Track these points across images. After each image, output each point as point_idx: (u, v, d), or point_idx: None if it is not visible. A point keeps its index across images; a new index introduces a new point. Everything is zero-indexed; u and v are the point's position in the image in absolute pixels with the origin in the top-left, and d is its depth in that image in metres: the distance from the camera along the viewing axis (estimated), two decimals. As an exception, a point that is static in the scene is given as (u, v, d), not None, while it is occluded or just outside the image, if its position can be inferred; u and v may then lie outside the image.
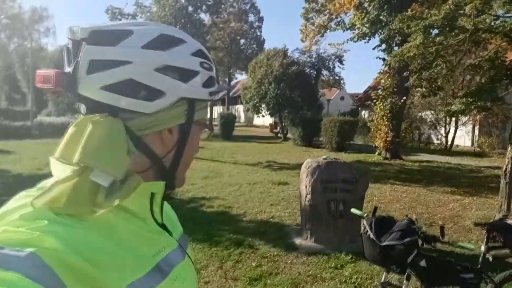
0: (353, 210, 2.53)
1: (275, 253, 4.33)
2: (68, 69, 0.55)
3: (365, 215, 2.39)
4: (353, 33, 12.14)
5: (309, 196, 4.50)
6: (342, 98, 46.32)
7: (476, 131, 19.78)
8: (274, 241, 4.72)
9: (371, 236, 2.16)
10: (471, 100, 5.52)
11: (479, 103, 5.41)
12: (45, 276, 0.43)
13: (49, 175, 0.58)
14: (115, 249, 0.53)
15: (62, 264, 0.45)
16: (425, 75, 6.15)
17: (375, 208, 2.35)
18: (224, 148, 16.02)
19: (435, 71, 5.97)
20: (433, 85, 6.97)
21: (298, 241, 4.63)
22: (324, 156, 4.75)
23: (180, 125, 0.63)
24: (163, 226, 0.66)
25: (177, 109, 0.61)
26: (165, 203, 0.73)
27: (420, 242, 2.17)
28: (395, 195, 7.74)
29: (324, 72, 30.88)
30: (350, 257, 4.22)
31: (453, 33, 5.34)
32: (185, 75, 0.61)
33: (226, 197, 7.02)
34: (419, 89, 7.71)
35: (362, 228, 2.24)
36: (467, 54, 6.25)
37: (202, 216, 5.74)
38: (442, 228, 2.28)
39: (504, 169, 5.52)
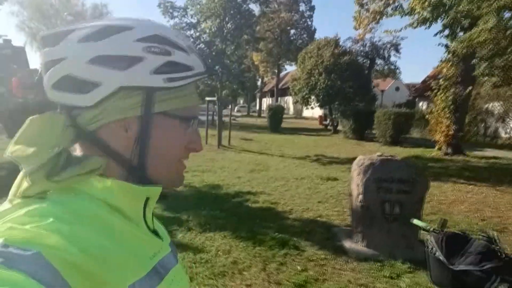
0: (415, 221, 2.15)
1: (322, 256, 4.02)
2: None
3: (431, 228, 2.01)
4: (412, 18, 11.20)
5: (361, 196, 4.12)
6: (397, 89, 44.10)
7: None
8: (322, 242, 4.40)
9: (441, 257, 1.78)
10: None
11: None
12: (49, 277, 0.43)
13: None
14: (118, 247, 0.53)
15: (67, 263, 0.45)
16: (498, 62, 5.39)
17: (444, 221, 1.96)
18: (271, 141, 15.81)
19: (511, 57, 5.21)
20: (508, 74, 6.14)
21: (347, 244, 4.28)
22: (378, 153, 4.33)
23: (140, 117, 0.59)
24: (155, 232, 0.67)
25: (127, 101, 0.58)
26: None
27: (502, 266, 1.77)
28: (458, 196, 7.02)
29: (379, 61, 29.46)
30: (407, 266, 3.79)
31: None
32: (123, 62, 0.57)
33: (271, 192, 6.78)
34: (489, 78, 6.84)
35: (429, 246, 1.87)
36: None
37: (246, 212, 5.56)
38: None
39: None
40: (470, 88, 11.23)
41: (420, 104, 27.55)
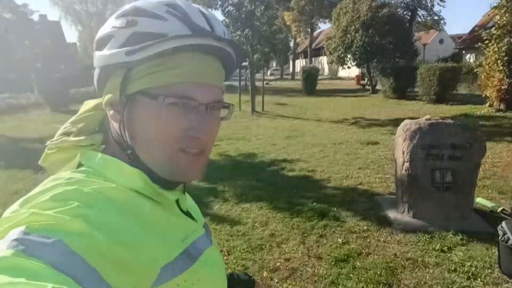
0: (480, 200, 1.84)
1: (365, 227, 3.79)
2: None
3: (500, 209, 1.71)
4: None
5: (407, 164, 3.78)
6: (441, 42, 41.13)
7: None
8: (364, 213, 4.16)
9: (515, 246, 1.50)
10: None
11: None
12: (73, 265, 0.41)
13: None
14: (146, 232, 0.52)
15: (93, 250, 0.43)
16: None
17: (518, 200, 1.66)
18: (307, 104, 15.34)
19: None
20: None
21: (392, 214, 4.01)
22: (427, 116, 3.91)
23: (120, 99, 0.59)
24: (188, 213, 0.67)
25: (113, 81, 0.60)
26: (187, 194, 0.72)
27: None
28: (514, 157, 6.42)
29: (421, 12, 27.29)
30: (460, 237, 3.48)
31: None
32: (100, 42, 0.59)
33: (308, 159, 6.54)
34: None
35: (501, 233, 1.58)
36: None
37: (283, 182, 5.38)
38: None
39: None
40: (528, 36, 10.06)
41: (467, 56, 25.49)
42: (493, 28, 10.53)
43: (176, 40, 0.54)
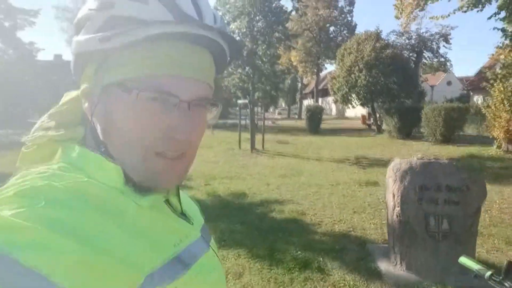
0: (463, 259, 1.44)
1: (352, 282, 3.32)
2: None
3: (489, 274, 1.31)
4: (462, 0, 10.00)
5: (397, 209, 3.37)
6: (449, 83, 41.19)
7: None
8: (352, 264, 3.69)
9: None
10: None
11: None
12: (24, 283, 0.35)
13: None
14: (128, 235, 0.47)
15: (55, 262, 0.37)
16: None
17: (510, 264, 1.26)
18: (309, 143, 15.03)
19: None
20: None
21: (383, 266, 3.54)
22: (418, 155, 3.54)
23: (92, 90, 0.54)
24: (183, 215, 0.61)
25: (87, 71, 0.54)
26: (185, 193, 0.68)
27: None
28: (524, 202, 5.91)
29: (427, 54, 27.48)
30: (460, 297, 2.99)
31: None
32: (77, 26, 0.54)
33: (301, 201, 6.11)
34: None
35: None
36: None
37: (268, 225, 4.95)
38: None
39: None
40: (534, 75, 9.78)
41: (475, 98, 25.26)
42: (498, 68, 10.30)
43: (156, 26, 0.48)
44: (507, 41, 9.93)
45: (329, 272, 3.52)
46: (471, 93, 26.84)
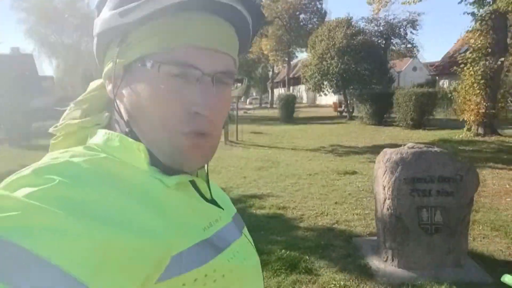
0: (509, 278, 1.18)
1: (342, 283, 3.09)
2: None
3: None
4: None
5: (388, 201, 3.16)
6: (414, 69, 42.24)
7: None
8: (341, 261, 3.47)
9: None
10: None
11: None
12: (34, 274, 0.32)
13: None
14: (154, 213, 0.44)
15: (68, 250, 0.34)
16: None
17: None
18: (283, 132, 14.83)
19: None
20: None
21: (374, 263, 3.33)
22: (409, 144, 3.33)
23: (115, 70, 0.52)
24: (212, 201, 0.58)
25: (110, 52, 0.53)
26: (215, 184, 0.65)
27: None
28: (500, 184, 5.94)
29: (395, 40, 27.85)
30: (457, 292, 2.83)
31: None
32: (98, 7, 0.53)
33: (280, 194, 5.85)
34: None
35: None
36: None
37: (249, 222, 4.63)
38: None
39: None
40: (502, 59, 9.96)
41: (441, 82, 25.94)
42: (468, 52, 10.43)
43: None
44: (477, 26, 10.05)
45: (317, 272, 3.28)
46: (437, 78, 27.56)
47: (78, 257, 0.34)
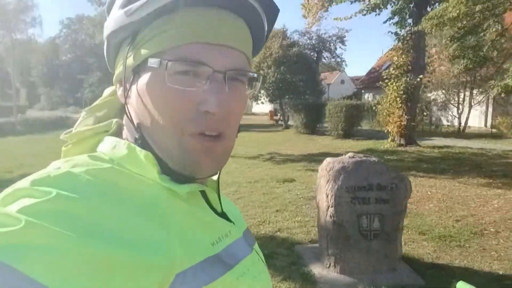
0: (461, 285, 1.27)
1: (287, 291, 3.11)
2: None
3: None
4: (363, 4, 10.76)
5: (331, 209, 3.26)
6: (342, 82, 44.96)
7: (490, 110, 18.54)
8: (285, 269, 3.49)
9: None
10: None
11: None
12: None
13: (18, 178, 0.43)
14: (156, 228, 0.41)
15: (61, 270, 0.32)
16: (470, 41, 4.83)
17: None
18: (221, 139, 14.74)
19: (486, 34, 4.65)
20: (479, 54, 5.64)
21: (317, 269, 3.41)
22: (350, 154, 3.49)
23: (123, 72, 0.51)
24: (223, 215, 0.55)
25: (119, 55, 0.52)
26: (226, 197, 0.62)
27: None
28: (423, 192, 6.51)
29: (325, 54, 29.46)
30: (393, 295, 3.00)
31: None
32: (109, 8, 0.51)
33: (221, 203, 5.76)
34: (460, 60, 6.34)
35: None
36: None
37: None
38: None
39: None
40: (420, 76, 11.02)
41: (366, 96, 27.98)
42: (392, 68, 11.35)
43: None
44: (399, 44, 11.01)
45: (263, 283, 3.25)
46: (363, 91, 29.67)
47: (73, 279, 0.32)
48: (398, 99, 11.20)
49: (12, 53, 28.49)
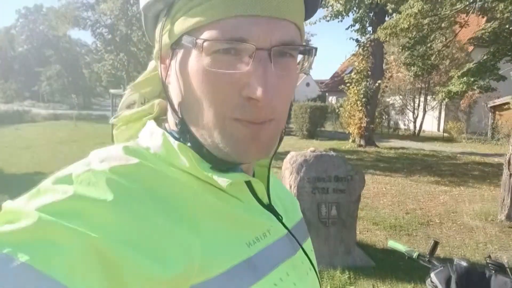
0: (392, 243, 1.55)
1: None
2: None
3: (417, 255, 1.43)
4: (327, 11, 11.26)
5: (294, 199, 3.53)
6: (308, 85, 46.00)
7: (443, 116, 19.83)
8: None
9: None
10: (472, 79, 4.75)
11: (482, 83, 4.66)
12: None
13: None
14: (178, 232, 0.38)
15: (74, 271, 0.31)
16: (419, 50, 5.33)
17: (435, 244, 1.41)
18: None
19: (433, 45, 5.16)
20: (427, 63, 6.20)
21: (280, 255, 3.67)
22: (311, 148, 3.79)
23: (159, 47, 0.46)
24: (269, 207, 0.50)
25: (156, 31, 0.47)
26: (280, 183, 0.58)
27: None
28: (379, 187, 6.99)
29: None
30: (347, 275, 3.32)
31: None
32: None
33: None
34: (410, 67, 6.90)
35: (430, 285, 1.26)
36: (466, 26, 5.51)
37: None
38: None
39: (508, 159, 4.84)
40: (379, 81, 11.68)
41: (330, 98, 28.93)
42: (353, 73, 11.95)
43: None
44: (360, 51, 11.61)
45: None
46: (327, 94, 30.61)
47: (85, 277, 0.32)
48: (358, 102, 11.81)
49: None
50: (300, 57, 0.46)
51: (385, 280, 3.30)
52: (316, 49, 0.44)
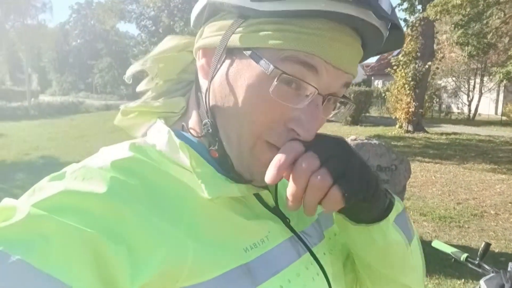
0: (437, 244, 1.43)
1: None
2: None
3: (466, 257, 1.31)
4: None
5: (334, 189, 3.43)
6: (352, 68, 44.65)
7: (501, 98, 18.35)
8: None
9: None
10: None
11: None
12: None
13: (34, 160, 0.44)
14: (173, 232, 0.38)
15: (66, 265, 0.32)
16: (474, 28, 4.88)
17: (487, 246, 1.28)
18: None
19: (489, 22, 4.70)
20: (483, 41, 5.67)
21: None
22: (352, 136, 3.64)
23: (218, 49, 0.45)
24: (275, 210, 0.50)
25: (216, 23, 0.46)
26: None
27: None
28: (427, 176, 6.64)
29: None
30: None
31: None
32: None
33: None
34: (465, 47, 6.37)
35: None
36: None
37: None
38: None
39: None
40: (429, 63, 10.98)
41: (376, 82, 27.78)
42: (400, 55, 11.32)
43: (328, 4, 0.39)
44: (408, 31, 10.95)
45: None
46: (372, 78, 29.43)
47: (78, 270, 0.32)
48: (406, 85, 11.21)
49: (23, 39, 28.82)
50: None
51: (433, 275, 3.13)
52: (352, 105, 0.49)
